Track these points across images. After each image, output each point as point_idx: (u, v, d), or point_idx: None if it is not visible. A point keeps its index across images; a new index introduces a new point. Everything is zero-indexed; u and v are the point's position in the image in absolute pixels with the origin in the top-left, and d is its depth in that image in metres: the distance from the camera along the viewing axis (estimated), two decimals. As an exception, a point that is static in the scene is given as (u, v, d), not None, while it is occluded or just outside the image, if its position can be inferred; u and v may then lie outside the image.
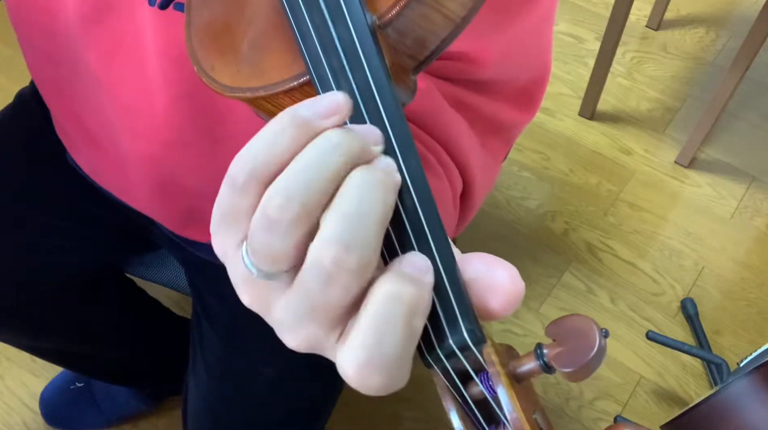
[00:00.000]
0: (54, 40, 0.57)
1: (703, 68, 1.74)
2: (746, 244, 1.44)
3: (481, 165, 0.52)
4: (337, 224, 0.24)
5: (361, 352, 0.24)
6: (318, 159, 0.24)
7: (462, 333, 0.25)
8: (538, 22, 0.51)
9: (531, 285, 1.37)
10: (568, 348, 0.26)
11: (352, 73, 0.27)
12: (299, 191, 0.24)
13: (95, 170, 0.70)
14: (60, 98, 0.65)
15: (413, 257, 0.25)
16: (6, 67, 1.67)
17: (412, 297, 0.24)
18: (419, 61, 0.30)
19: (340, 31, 0.27)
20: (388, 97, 0.27)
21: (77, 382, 1.18)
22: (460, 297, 0.25)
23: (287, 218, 0.24)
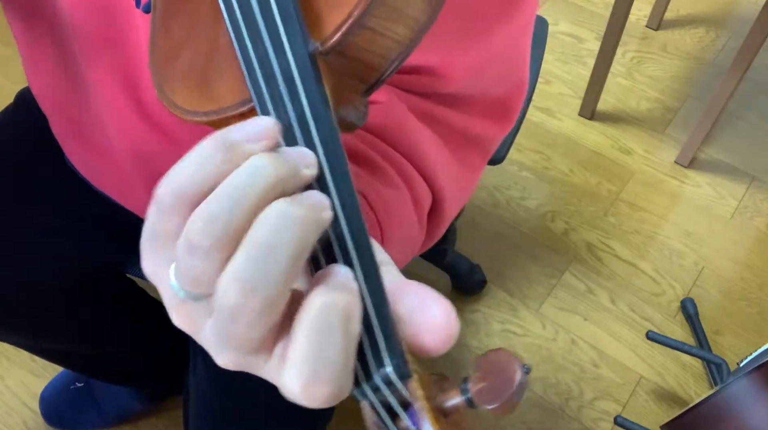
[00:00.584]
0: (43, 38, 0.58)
1: (703, 68, 1.74)
2: (746, 244, 1.45)
3: (453, 177, 0.52)
4: (244, 261, 0.23)
5: (304, 367, 0.24)
6: (243, 184, 0.24)
7: (387, 369, 0.25)
8: (513, 37, 0.50)
9: (531, 285, 1.37)
10: (490, 384, 0.25)
11: (290, 102, 0.27)
12: (221, 216, 0.24)
13: (91, 172, 0.70)
14: (53, 100, 0.65)
15: (336, 268, 0.25)
16: (6, 68, 1.67)
17: (346, 303, 0.24)
18: (369, 84, 0.30)
19: (280, 60, 0.27)
20: (324, 126, 0.27)
21: (77, 382, 1.18)
22: (387, 331, 0.25)
23: (208, 243, 0.24)
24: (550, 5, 1.87)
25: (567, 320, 1.33)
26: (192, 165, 0.25)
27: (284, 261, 0.23)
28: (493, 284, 1.37)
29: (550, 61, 1.74)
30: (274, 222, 0.24)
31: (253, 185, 0.24)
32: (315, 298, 0.24)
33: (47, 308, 0.81)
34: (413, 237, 0.49)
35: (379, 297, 0.25)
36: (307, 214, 0.24)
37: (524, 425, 1.21)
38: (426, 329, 0.25)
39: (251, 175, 0.24)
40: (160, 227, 0.26)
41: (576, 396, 1.25)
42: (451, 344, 0.26)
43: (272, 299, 0.23)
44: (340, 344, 0.24)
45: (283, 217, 0.24)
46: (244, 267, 0.23)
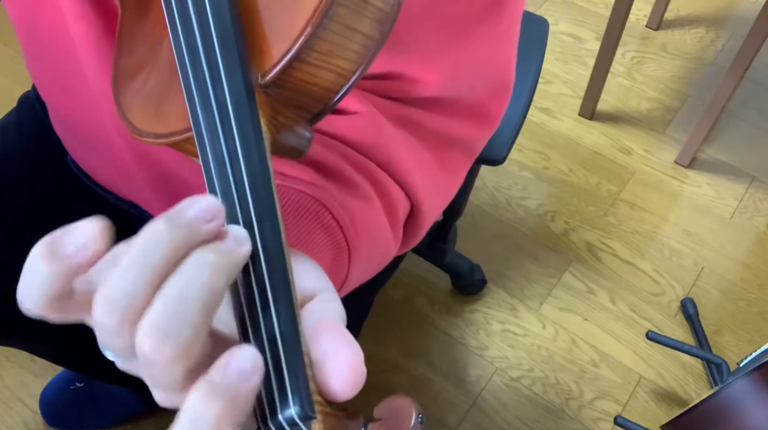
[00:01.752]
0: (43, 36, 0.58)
1: (703, 68, 1.74)
2: (746, 244, 1.45)
3: (432, 180, 0.52)
4: (155, 311, 0.24)
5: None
6: (141, 260, 0.24)
7: (290, 410, 0.25)
8: (494, 40, 0.49)
9: (531, 285, 1.37)
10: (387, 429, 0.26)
11: (223, 134, 0.27)
12: (119, 298, 0.24)
13: (95, 170, 0.70)
14: (55, 95, 0.65)
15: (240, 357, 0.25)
16: (7, 68, 1.67)
17: (218, 414, 0.24)
18: (314, 114, 0.30)
19: (217, 91, 0.27)
20: (254, 163, 0.27)
21: (77, 382, 1.18)
22: (295, 375, 0.25)
23: (113, 324, 0.24)
24: (550, 5, 1.87)
25: (567, 320, 1.33)
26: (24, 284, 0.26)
27: (195, 309, 0.24)
28: (493, 284, 1.37)
29: (550, 61, 1.74)
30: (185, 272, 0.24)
31: (150, 258, 0.24)
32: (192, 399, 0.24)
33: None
34: (385, 246, 0.49)
35: (292, 339, 0.26)
36: (221, 260, 0.25)
37: (524, 425, 1.21)
38: (333, 375, 0.26)
39: (146, 250, 0.24)
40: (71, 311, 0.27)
41: (576, 396, 1.25)
42: (357, 390, 0.26)
43: (185, 346, 0.24)
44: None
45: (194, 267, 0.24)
46: (155, 319, 0.24)
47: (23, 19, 0.59)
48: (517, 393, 1.25)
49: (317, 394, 0.26)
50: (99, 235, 0.25)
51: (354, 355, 0.26)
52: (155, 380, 0.25)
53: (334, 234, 0.43)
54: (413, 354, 1.28)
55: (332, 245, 0.43)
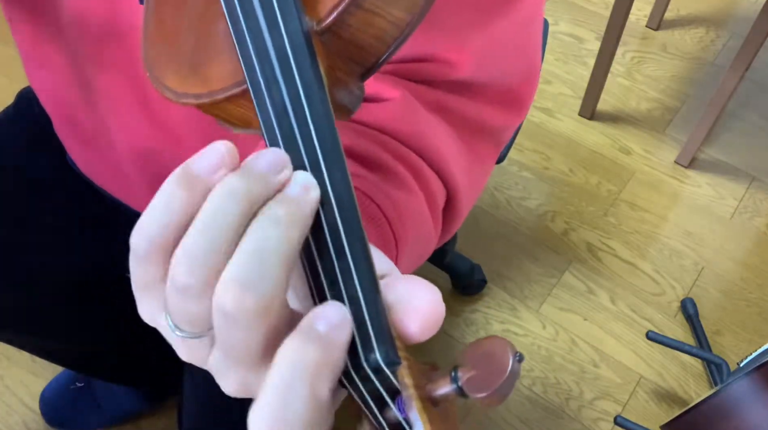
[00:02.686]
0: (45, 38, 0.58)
1: (703, 68, 1.74)
2: (746, 244, 1.45)
3: (466, 170, 0.51)
4: (235, 266, 0.23)
5: (266, 413, 0.24)
6: (215, 216, 0.24)
7: (376, 356, 0.24)
8: (522, 22, 0.50)
9: (531, 285, 1.37)
10: (481, 372, 0.25)
11: (284, 82, 0.27)
12: (202, 254, 0.24)
13: (93, 170, 0.70)
14: (55, 98, 0.65)
15: (329, 310, 0.24)
16: (6, 67, 1.67)
17: (316, 362, 0.23)
18: (366, 68, 0.30)
19: (274, 38, 0.27)
20: (317, 108, 0.26)
21: (77, 382, 1.18)
22: (377, 320, 0.25)
23: (195, 283, 0.24)
24: (550, 5, 1.87)
25: (567, 320, 1.33)
26: (157, 210, 0.25)
27: (273, 261, 0.23)
28: (493, 284, 1.37)
29: (550, 61, 1.74)
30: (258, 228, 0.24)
31: (226, 216, 0.24)
32: (287, 347, 0.24)
33: (47, 308, 0.81)
34: (428, 237, 0.49)
35: (370, 284, 0.25)
36: (293, 210, 0.24)
37: (524, 425, 1.21)
38: (412, 315, 0.25)
39: (221, 206, 0.24)
40: (142, 276, 0.26)
41: (576, 396, 1.25)
42: (436, 329, 0.26)
43: (267, 299, 0.23)
44: (304, 404, 0.23)
45: (271, 220, 0.24)
46: (237, 271, 0.23)
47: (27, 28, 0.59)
48: (517, 393, 1.25)
49: (398, 340, 0.25)
50: (230, 152, 0.25)
51: (431, 292, 0.26)
52: (231, 349, 0.24)
53: (381, 227, 0.42)
54: (413, 354, 1.28)
55: (380, 238, 0.42)
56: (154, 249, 0.25)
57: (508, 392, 0.25)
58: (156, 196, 0.25)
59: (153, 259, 0.25)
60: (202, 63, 0.31)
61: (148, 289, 0.26)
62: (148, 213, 0.25)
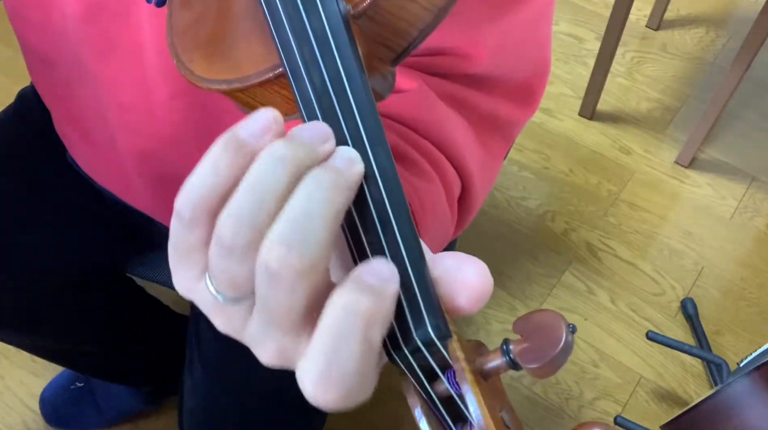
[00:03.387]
0: (49, 38, 0.58)
1: (703, 68, 1.74)
2: (746, 244, 1.45)
3: (480, 164, 0.52)
4: (281, 225, 0.24)
5: (316, 365, 0.23)
6: (262, 178, 0.24)
7: (427, 328, 0.24)
8: (534, 17, 0.51)
9: (531, 285, 1.37)
10: (534, 344, 0.25)
11: (323, 63, 0.27)
12: (248, 214, 0.24)
13: (94, 169, 0.70)
14: (58, 97, 0.65)
15: (376, 265, 0.25)
16: (6, 67, 1.67)
17: (369, 309, 0.23)
18: (397, 53, 0.30)
19: (313, 21, 0.27)
20: (358, 87, 0.26)
21: (77, 382, 1.18)
22: (426, 292, 0.25)
23: (241, 243, 0.24)
24: (550, 5, 1.87)
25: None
26: (204, 172, 0.25)
27: (319, 222, 0.24)
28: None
29: (550, 61, 1.74)
30: (305, 190, 0.24)
31: (273, 178, 0.24)
32: (339, 296, 0.24)
33: (47, 307, 0.81)
34: (446, 228, 0.50)
35: (417, 257, 0.25)
36: (336, 177, 0.25)
37: (524, 425, 1.21)
38: (460, 288, 0.25)
39: (269, 169, 0.24)
40: (185, 241, 0.26)
41: (576, 396, 1.25)
42: (484, 302, 0.26)
43: (311, 259, 0.23)
44: (356, 349, 0.23)
45: (313, 183, 0.24)
46: (282, 230, 0.23)
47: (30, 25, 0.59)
48: (517, 393, 1.25)
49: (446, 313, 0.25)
50: (276, 120, 0.26)
51: (479, 266, 0.26)
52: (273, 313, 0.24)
53: None
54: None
55: None
56: (200, 211, 0.25)
57: (563, 363, 0.25)
58: (202, 160, 0.25)
59: (199, 221, 0.25)
60: (231, 48, 0.31)
61: (189, 254, 0.26)
62: (194, 176, 0.25)
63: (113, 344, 0.96)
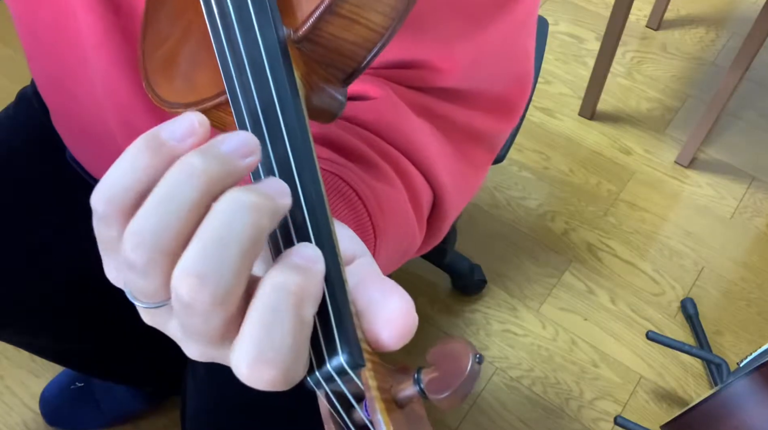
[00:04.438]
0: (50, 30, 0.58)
1: (703, 68, 1.74)
2: (746, 244, 1.45)
3: (454, 173, 0.51)
4: (194, 253, 0.23)
5: (251, 346, 0.23)
6: (170, 194, 0.23)
7: (339, 357, 0.24)
8: (513, 29, 0.50)
9: (531, 285, 1.37)
10: (441, 373, 0.25)
11: (257, 90, 0.27)
12: (151, 234, 0.23)
13: (95, 166, 0.70)
14: (58, 93, 0.65)
15: (302, 248, 0.25)
16: (6, 67, 1.67)
17: (299, 286, 0.23)
18: (347, 73, 0.30)
19: (250, 47, 0.27)
20: (289, 113, 0.26)
21: (77, 382, 1.18)
22: (341, 319, 0.24)
23: (142, 261, 0.23)
24: (550, 5, 1.87)
25: (567, 320, 1.33)
26: (121, 170, 0.24)
27: (236, 253, 0.23)
28: (493, 284, 1.37)
29: (550, 61, 1.74)
30: (225, 212, 0.23)
31: (182, 193, 0.23)
32: (269, 276, 0.23)
33: (47, 307, 0.81)
34: (410, 234, 0.49)
35: (336, 285, 0.25)
36: (261, 202, 0.23)
37: (524, 425, 1.21)
38: (383, 323, 0.25)
39: (180, 182, 0.23)
40: (101, 235, 0.25)
41: (576, 396, 1.25)
42: (408, 339, 0.25)
43: (225, 291, 0.23)
44: (288, 326, 0.23)
45: (236, 206, 0.23)
46: (194, 261, 0.22)
47: (23, 14, 0.59)
48: (517, 393, 1.25)
49: (365, 343, 0.25)
50: (200, 122, 0.25)
51: (404, 302, 0.25)
52: (190, 330, 0.24)
53: (358, 213, 0.42)
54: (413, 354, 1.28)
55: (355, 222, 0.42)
56: (113, 210, 0.24)
57: (468, 393, 0.25)
58: (121, 156, 0.24)
59: (112, 220, 0.24)
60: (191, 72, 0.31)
61: (107, 249, 0.25)
62: (110, 173, 0.24)
63: (113, 344, 0.96)
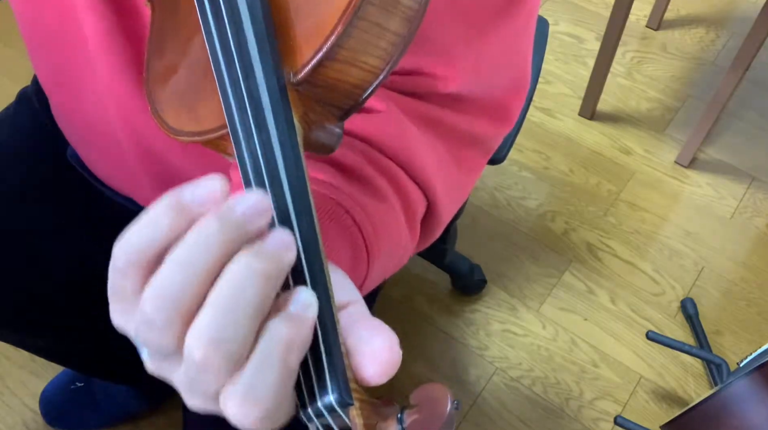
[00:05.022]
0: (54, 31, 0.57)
1: (703, 68, 1.74)
2: (746, 244, 1.45)
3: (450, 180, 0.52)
4: (207, 319, 0.24)
5: (241, 388, 0.25)
6: (191, 258, 0.25)
7: (329, 396, 0.26)
8: (513, 36, 0.50)
9: (531, 285, 1.37)
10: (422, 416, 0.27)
11: (257, 130, 0.28)
12: (171, 294, 0.24)
13: (97, 165, 0.70)
14: (60, 92, 0.65)
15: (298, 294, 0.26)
16: (7, 68, 1.67)
17: (288, 336, 0.25)
18: (344, 110, 0.31)
19: (251, 87, 0.28)
20: (288, 157, 0.28)
21: (77, 382, 1.18)
22: (332, 358, 0.26)
23: (162, 319, 0.24)
24: (550, 5, 1.87)
25: (567, 320, 1.33)
26: (142, 228, 0.26)
27: (248, 316, 0.24)
28: (493, 284, 1.37)
29: (550, 61, 1.74)
30: (237, 279, 0.25)
31: (202, 257, 0.25)
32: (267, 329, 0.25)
33: (47, 307, 0.81)
34: (402, 247, 0.50)
35: (328, 325, 0.27)
36: (271, 268, 0.25)
37: (524, 425, 1.21)
38: (369, 360, 0.27)
39: (199, 245, 0.25)
40: (117, 286, 0.26)
41: (576, 396, 1.25)
42: (391, 375, 0.27)
43: (237, 353, 0.24)
44: (275, 372, 0.25)
45: (248, 274, 0.25)
46: (208, 325, 0.24)
47: (27, 11, 0.59)
48: (517, 393, 1.25)
49: (354, 382, 0.27)
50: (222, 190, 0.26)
51: (388, 339, 0.27)
52: (198, 387, 0.26)
53: (353, 238, 0.43)
54: (413, 354, 1.28)
55: (351, 248, 0.43)
56: (133, 263, 0.25)
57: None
58: (143, 214, 0.26)
59: (129, 274, 0.26)
60: (195, 103, 0.32)
61: (121, 299, 0.27)
62: (133, 229, 0.26)
63: (113, 344, 0.96)
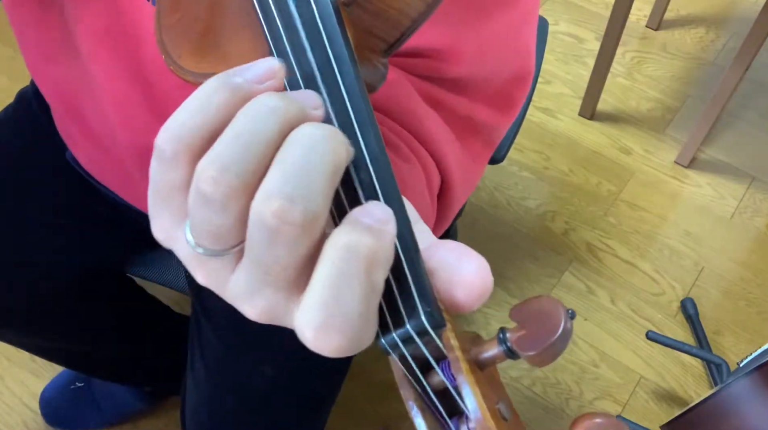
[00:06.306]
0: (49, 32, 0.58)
1: (703, 68, 1.74)
2: (746, 244, 1.44)
3: (460, 163, 0.52)
4: (278, 177, 0.22)
5: (318, 311, 0.22)
6: (252, 125, 0.23)
7: (420, 316, 0.23)
8: (516, 23, 0.51)
9: (531, 285, 1.37)
10: (532, 331, 0.24)
11: (312, 51, 0.26)
12: (233, 161, 0.22)
13: (95, 166, 0.70)
14: (59, 94, 0.65)
15: (372, 207, 0.23)
16: (7, 67, 1.67)
17: (370, 248, 0.22)
18: (389, 43, 0.29)
19: (302, 9, 0.27)
20: (349, 74, 0.26)
21: (77, 382, 1.18)
22: (418, 278, 0.24)
23: (223, 192, 0.22)
24: (550, 5, 1.87)
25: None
26: (192, 108, 0.23)
27: (321, 174, 0.22)
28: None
29: (550, 61, 1.74)
30: (306, 139, 0.22)
31: (263, 127, 0.23)
32: (339, 236, 0.22)
33: (47, 307, 0.81)
34: (426, 215, 0.49)
35: (408, 241, 0.24)
36: (332, 133, 0.23)
37: (524, 425, 1.21)
38: (459, 284, 0.24)
39: (260, 116, 0.23)
40: (164, 180, 0.24)
41: (576, 396, 1.25)
42: (484, 300, 0.25)
43: (313, 213, 0.22)
44: (358, 291, 0.22)
45: (317, 135, 0.23)
46: (282, 182, 0.22)
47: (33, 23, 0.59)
48: (517, 393, 1.25)
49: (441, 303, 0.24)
50: (280, 68, 0.25)
51: (482, 263, 0.25)
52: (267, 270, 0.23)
53: None
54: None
55: None
56: (183, 149, 0.23)
57: (562, 350, 0.24)
58: (190, 98, 0.24)
59: (181, 160, 0.23)
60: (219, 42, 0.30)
61: (169, 197, 0.24)
62: (179, 113, 0.23)
63: (113, 344, 0.96)
